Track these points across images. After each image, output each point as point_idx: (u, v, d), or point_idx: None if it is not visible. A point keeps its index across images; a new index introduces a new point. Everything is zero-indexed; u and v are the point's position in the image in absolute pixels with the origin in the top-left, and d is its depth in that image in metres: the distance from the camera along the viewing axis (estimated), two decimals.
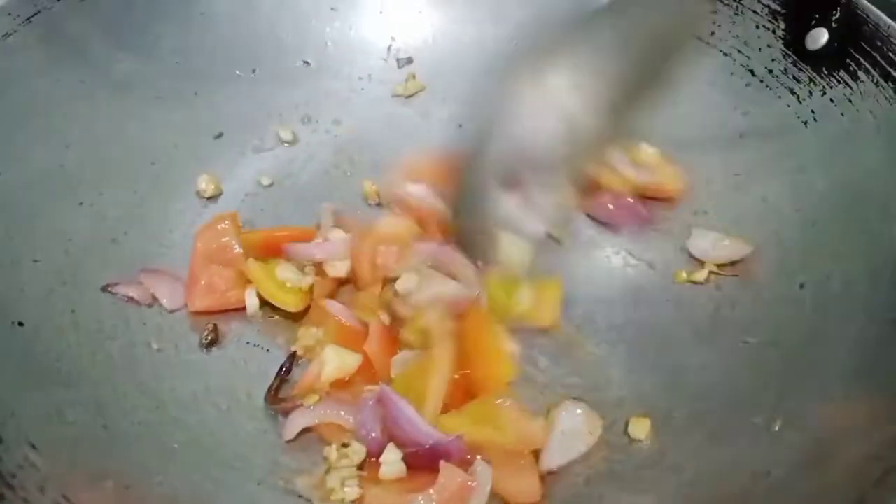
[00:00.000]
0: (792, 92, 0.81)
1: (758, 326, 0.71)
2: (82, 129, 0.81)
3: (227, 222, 0.78)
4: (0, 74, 0.76)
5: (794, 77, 0.81)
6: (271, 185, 0.88)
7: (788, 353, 0.67)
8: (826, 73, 0.78)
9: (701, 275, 0.76)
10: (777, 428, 0.61)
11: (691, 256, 0.78)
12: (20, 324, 0.66)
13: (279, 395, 0.68)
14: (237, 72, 0.93)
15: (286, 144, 0.92)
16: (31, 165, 0.76)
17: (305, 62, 0.95)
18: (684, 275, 0.76)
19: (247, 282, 0.75)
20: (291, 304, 0.73)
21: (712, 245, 0.78)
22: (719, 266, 0.76)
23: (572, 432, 0.64)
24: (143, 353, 0.71)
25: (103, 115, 0.84)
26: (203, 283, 0.75)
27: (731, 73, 0.86)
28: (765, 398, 0.64)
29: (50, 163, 0.78)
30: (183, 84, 0.89)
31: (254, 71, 0.94)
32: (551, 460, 0.63)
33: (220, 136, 0.90)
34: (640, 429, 0.65)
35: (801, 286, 0.71)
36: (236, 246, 0.76)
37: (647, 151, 0.82)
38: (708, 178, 0.83)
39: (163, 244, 0.81)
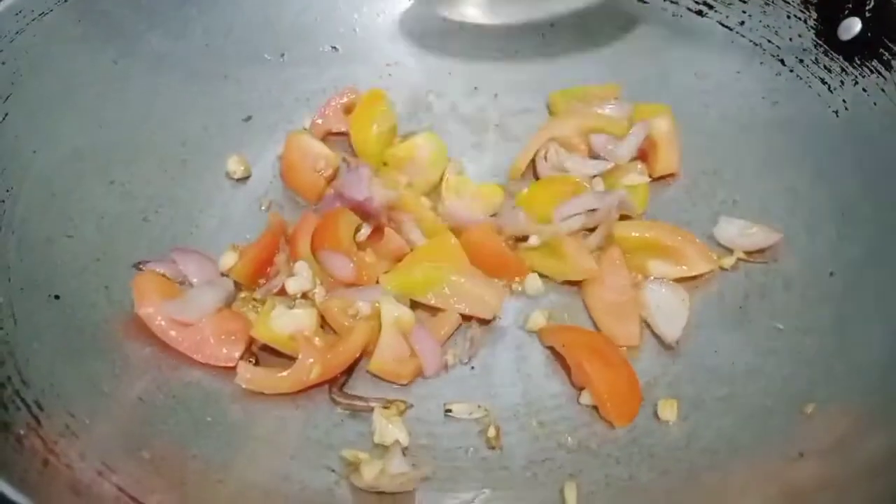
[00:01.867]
0: (823, 82, 0.81)
1: (788, 313, 0.71)
2: (114, 110, 0.82)
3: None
4: (36, 53, 0.76)
5: (825, 67, 0.81)
6: None
7: (820, 340, 0.67)
8: (858, 62, 0.78)
9: (729, 261, 0.76)
10: (810, 411, 0.61)
11: (719, 244, 0.78)
12: (56, 297, 0.67)
13: (344, 391, 0.68)
14: (266, 55, 0.93)
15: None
16: (65, 144, 0.77)
17: (333, 47, 0.96)
18: None
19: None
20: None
21: (739, 232, 0.78)
22: (748, 253, 0.76)
23: (667, 304, 0.71)
24: None
25: (135, 95, 0.84)
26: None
27: (761, 63, 0.86)
28: (797, 383, 0.64)
29: (82, 142, 0.79)
30: (213, 67, 0.90)
31: (282, 55, 0.94)
32: (670, 332, 0.69)
33: (248, 118, 0.90)
34: (669, 410, 0.65)
35: (832, 274, 0.71)
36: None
37: (660, 128, 0.84)
38: (736, 167, 0.83)
39: (193, 224, 0.81)
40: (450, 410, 0.67)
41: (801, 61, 0.83)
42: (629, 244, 0.75)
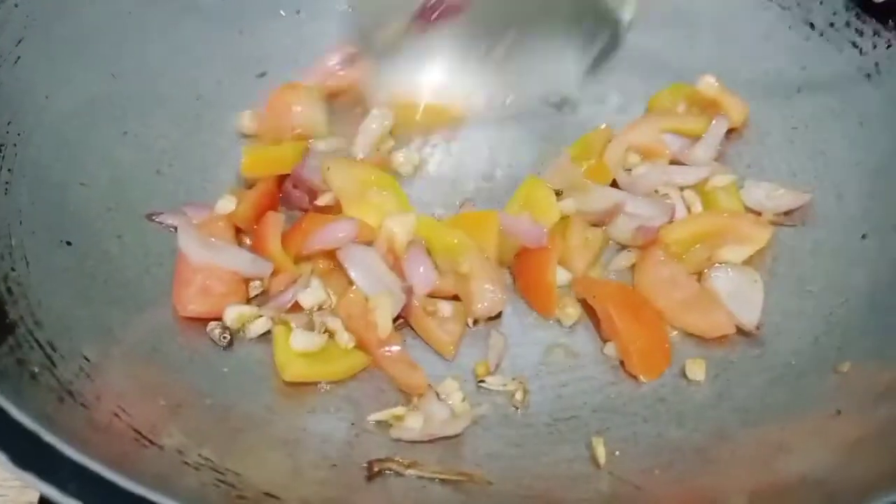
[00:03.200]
0: (854, 45, 0.80)
1: (818, 276, 0.69)
2: (128, 60, 0.80)
3: (221, 223, 0.71)
4: (53, 1, 0.74)
5: (856, 30, 0.80)
6: None
7: (853, 302, 0.65)
8: (892, 25, 0.76)
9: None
10: (846, 370, 0.59)
11: (746, 208, 0.76)
12: (69, 243, 0.65)
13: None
14: (282, 11, 0.91)
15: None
16: (79, 91, 0.75)
17: (350, 7, 0.94)
18: None
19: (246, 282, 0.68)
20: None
21: (766, 195, 0.76)
22: (776, 216, 0.74)
23: (739, 289, 0.67)
24: None
25: (149, 47, 0.82)
26: (196, 286, 0.66)
27: (790, 27, 0.85)
28: (830, 342, 0.63)
29: (97, 90, 0.77)
30: (228, 21, 0.88)
31: (298, 11, 0.92)
32: (749, 318, 0.65)
33: (263, 74, 0.88)
34: (697, 370, 0.64)
35: (864, 237, 0.70)
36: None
37: (709, 82, 0.81)
38: (763, 131, 0.82)
39: (206, 179, 0.79)
40: (483, 381, 0.64)
41: (832, 25, 0.82)
42: (682, 245, 0.70)
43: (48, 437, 0.41)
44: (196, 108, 0.83)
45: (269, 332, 0.65)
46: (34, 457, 0.41)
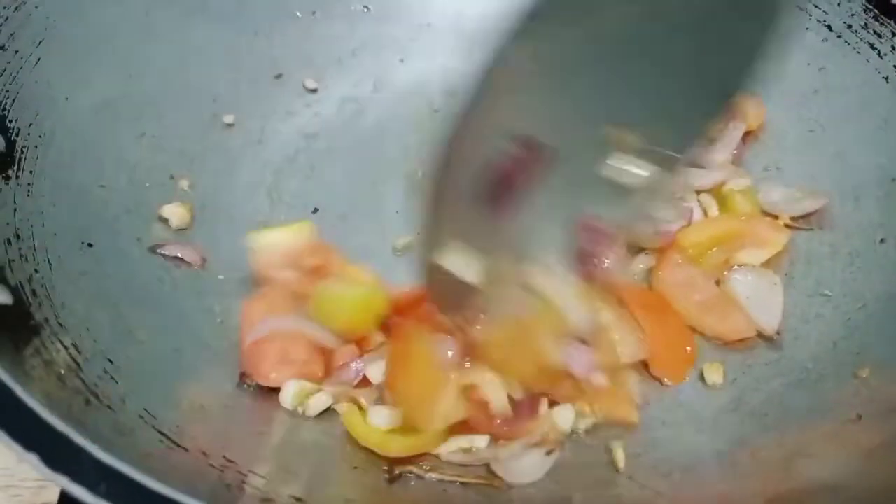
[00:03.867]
0: (872, 47, 0.79)
1: (836, 280, 0.69)
2: (145, 62, 0.80)
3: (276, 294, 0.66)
4: (71, 1, 0.74)
5: (875, 32, 0.79)
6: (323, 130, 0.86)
7: (871, 307, 0.65)
8: None
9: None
10: (865, 375, 0.59)
11: (763, 211, 0.76)
12: (90, 245, 0.66)
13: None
14: (297, 13, 0.91)
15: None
16: (96, 93, 0.75)
17: (365, 7, 0.94)
18: None
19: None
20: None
21: (783, 198, 0.76)
22: (793, 219, 0.74)
23: (758, 293, 0.66)
24: (209, 284, 0.70)
25: (165, 49, 0.82)
26: (273, 356, 0.62)
27: (807, 29, 0.84)
28: (849, 347, 0.63)
29: (114, 92, 0.77)
30: (244, 23, 0.88)
31: (314, 13, 0.92)
32: (770, 322, 0.65)
33: (279, 76, 0.89)
34: (715, 374, 0.64)
35: (882, 241, 0.70)
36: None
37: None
38: (780, 133, 0.82)
39: (223, 181, 0.80)
40: None
41: (850, 27, 0.81)
42: (699, 248, 0.70)
43: (78, 439, 0.42)
44: (212, 110, 0.83)
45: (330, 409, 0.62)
46: (65, 459, 0.41)
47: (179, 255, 0.71)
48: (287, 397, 0.60)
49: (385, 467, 0.57)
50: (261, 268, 0.67)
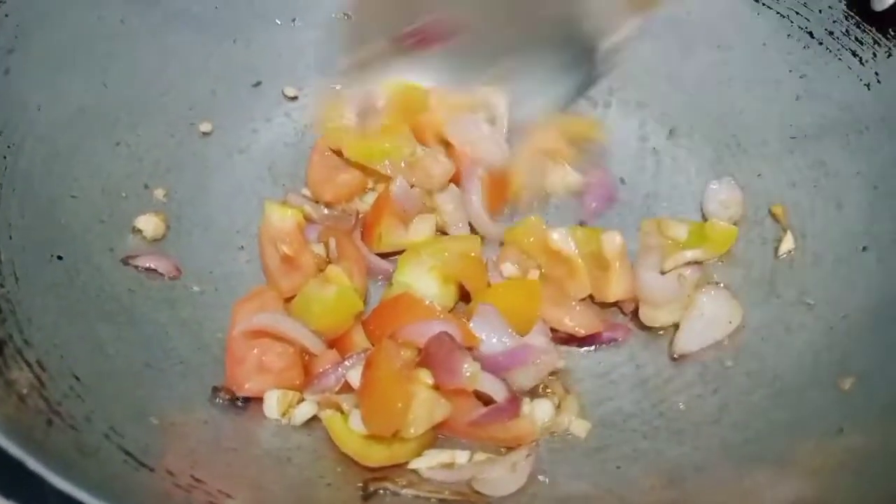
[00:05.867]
0: (854, 54, 0.79)
1: (819, 288, 0.69)
2: (121, 70, 0.79)
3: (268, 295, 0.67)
4: (41, 7, 0.73)
5: (856, 39, 0.79)
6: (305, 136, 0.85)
7: (854, 315, 0.65)
8: (893, 34, 0.76)
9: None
10: (847, 387, 0.59)
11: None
12: (59, 258, 0.64)
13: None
14: (277, 20, 0.90)
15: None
16: (70, 102, 0.74)
17: (346, 14, 0.93)
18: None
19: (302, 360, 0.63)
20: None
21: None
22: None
23: (711, 317, 0.65)
24: (184, 295, 0.69)
25: (142, 56, 0.81)
26: (250, 362, 0.62)
27: (788, 35, 0.84)
28: (831, 358, 0.62)
29: (88, 101, 0.75)
30: (222, 30, 0.87)
31: (293, 20, 0.91)
32: (686, 344, 0.65)
33: (258, 84, 0.87)
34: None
35: (864, 249, 0.69)
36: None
37: None
38: (762, 140, 0.81)
39: (200, 189, 0.79)
40: None
41: (831, 33, 0.81)
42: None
43: (33, 465, 0.40)
44: (189, 118, 0.82)
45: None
46: (20, 485, 0.40)
47: (153, 265, 0.70)
48: (271, 407, 0.60)
49: (360, 484, 0.55)
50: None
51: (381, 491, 0.55)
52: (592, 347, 0.67)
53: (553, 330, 0.65)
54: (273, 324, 0.62)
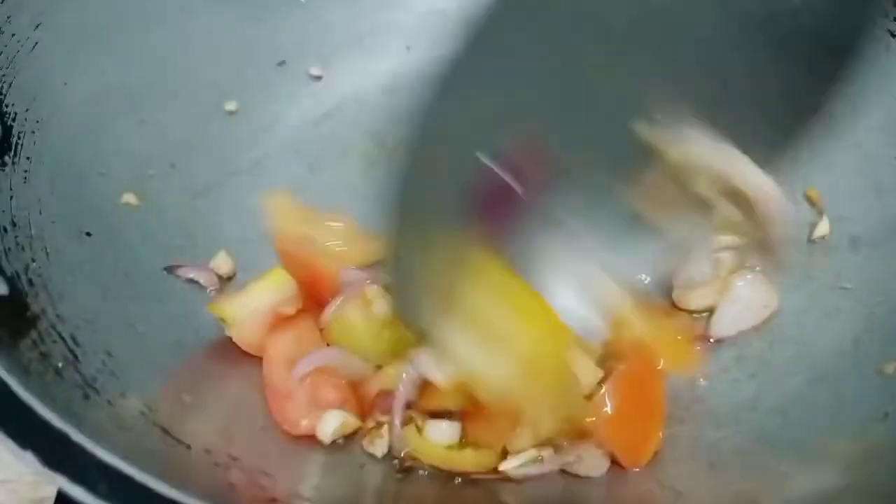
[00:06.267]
0: (892, 34, 0.77)
1: (855, 273, 0.67)
2: (146, 48, 0.78)
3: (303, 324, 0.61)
4: None
5: (894, 18, 0.77)
6: (334, 112, 0.84)
7: (893, 299, 0.63)
8: None
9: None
10: (890, 371, 0.57)
11: None
12: (88, 234, 0.64)
13: None
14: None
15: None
16: (96, 79, 0.73)
17: None
18: None
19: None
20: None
21: None
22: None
23: (747, 302, 0.64)
24: None
25: (167, 35, 0.80)
26: (301, 397, 0.57)
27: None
28: (870, 342, 0.61)
29: (114, 78, 0.75)
30: (247, 9, 0.86)
31: None
32: (722, 328, 0.63)
33: (282, 63, 0.87)
34: None
35: None
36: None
37: None
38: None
39: (225, 170, 0.78)
40: None
41: None
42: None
43: (77, 437, 0.40)
44: (213, 97, 0.81)
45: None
46: (64, 457, 0.39)
47: (195, 277, 0.67)
48: (330, 428, 0.55)
49: (395, 462, 0.55)
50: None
51: (415, 468, 0.54)
52: None
53: None
54: (338, 362, 0.58)
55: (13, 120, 0.63)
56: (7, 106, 0.63)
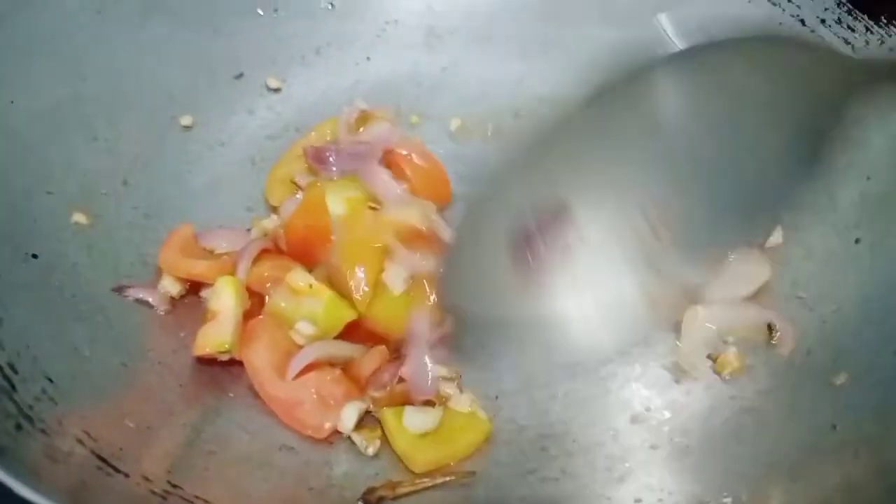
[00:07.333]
0: (846, 42, 0.77)
1: (811, 282, 0.67)
2: (98, 62, 0.77)
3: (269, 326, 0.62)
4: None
5: (848, 27, 0.78)
6: (292, 125, 0.83)
7: (847, 309, 0.63)
8: (884, 21, 0.75)
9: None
10: (840, 382, 0.58)
11: None
12: (34, 256, 0.62)
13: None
14: (259, 10, 0.88)
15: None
16: (44, 95, 0.72)
17: (330, 4, 0.91)
18: None
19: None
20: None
21: None
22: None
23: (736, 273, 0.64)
24: None
25: (120, 47, 0.79)
26: (310, 401, 0.58)
27: (780, 24, 0.82)
28: (824, 352, 0.61)
29: (64, 93, 0.74)
30: (203, 20, 0.85)
31: (276, 10, 0.89)
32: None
33: (240, 75, 0.86)
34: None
35: (857, 241, 0.68)
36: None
37: None
38: None
39: (180, 184, 0.77)
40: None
41: (823, 21, 0.80)
42: None
43: (1, 475, 0.39)
44: (169, 111, 0.80)
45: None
46: None
47: (144, 297, 0.65)
48: (350, 420, 0.57)
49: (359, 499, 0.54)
50: None
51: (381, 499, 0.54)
52: None
53: None
54: (327, 352, 0.60)
55: None
56: None
